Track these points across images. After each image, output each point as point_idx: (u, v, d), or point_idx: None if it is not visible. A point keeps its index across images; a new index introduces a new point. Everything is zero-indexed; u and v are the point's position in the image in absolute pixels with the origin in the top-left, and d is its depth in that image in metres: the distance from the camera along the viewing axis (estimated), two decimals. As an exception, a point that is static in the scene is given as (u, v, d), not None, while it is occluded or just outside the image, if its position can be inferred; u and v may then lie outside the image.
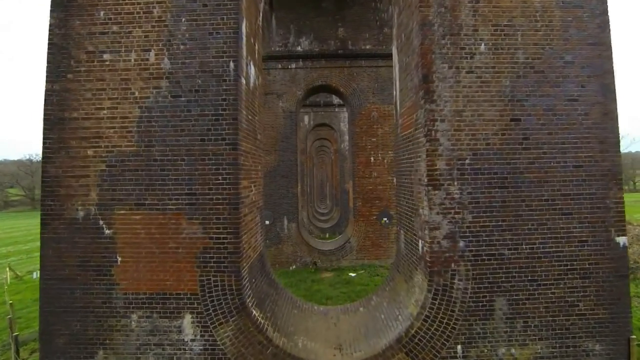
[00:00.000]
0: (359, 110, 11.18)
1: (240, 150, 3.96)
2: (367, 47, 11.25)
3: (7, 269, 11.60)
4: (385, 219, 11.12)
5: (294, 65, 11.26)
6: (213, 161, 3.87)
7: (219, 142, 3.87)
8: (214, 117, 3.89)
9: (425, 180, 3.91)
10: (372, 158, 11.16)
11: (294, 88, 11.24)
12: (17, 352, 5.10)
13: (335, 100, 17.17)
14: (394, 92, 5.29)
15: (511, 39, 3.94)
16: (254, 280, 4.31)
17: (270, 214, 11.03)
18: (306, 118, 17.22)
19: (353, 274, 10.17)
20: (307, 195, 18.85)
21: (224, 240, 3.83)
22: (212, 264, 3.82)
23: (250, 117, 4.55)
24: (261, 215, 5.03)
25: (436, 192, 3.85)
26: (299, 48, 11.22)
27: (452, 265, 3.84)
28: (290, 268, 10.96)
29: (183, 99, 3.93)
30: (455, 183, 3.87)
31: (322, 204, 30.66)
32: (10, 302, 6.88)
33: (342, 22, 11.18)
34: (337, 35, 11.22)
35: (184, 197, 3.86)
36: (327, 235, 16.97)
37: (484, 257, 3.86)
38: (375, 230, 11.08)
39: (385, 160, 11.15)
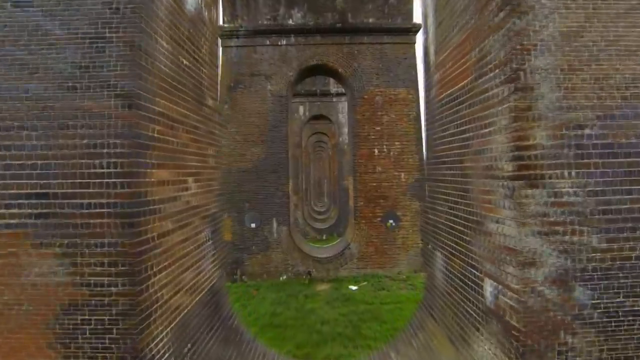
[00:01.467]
0: (360, 94, 9.18)
1: (147, 111, 1.96)
2: (370, 20, 9.23)
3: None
4: (392, 221, 9.15)
5: (284, 42, 9.23)
6: (89, 130, 1.88)
7: (100, 91, 1.87)
8: (91, 44, 1.89)
9: (509, 168, 1.93)
10: (375, 150, 9.17)
11: (285, 68, 9.22)
12: None
13: (333, 89, 15.16)
14: (424, 36, 3.32)
15: None
16: (188, 347, 2.33)
17: (257, 216, 9.05)
18: (301, 109, 15.21)
19: (354, 287, 8.21)
20: (303, 193, 16.88)
21: (111, 289, 1.84)
22: (87, 336, 1.84)
23: (186, 61, 2.54)
24: (213, 230, 3.03)
25: (531, 191, 1.87)
26: (290, 21, 9.18)
27: (562, 334, 1.88)
28: (281, 279, 8.99)
29: (35, 9, 1.93)
30: (569, 173, 1.89)
31: (319, 202, 28.73)
32: None
33: (341, -10, 9.15)
34: (334, 6, 9.18)
35: (31, 202, 1.87)
36: (324, 237, 15.03)
37: (623, 319, 1.90)
38: (380, 234, 9.12)
39: (392, 153, 9.16)
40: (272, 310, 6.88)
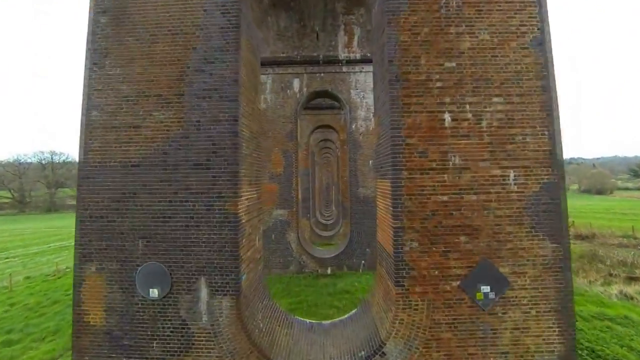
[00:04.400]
0: (407, -11, 3.67)
1: None
2: None
3: None
4: (488, 287, 3.52)
5: None
6: None
7: None
8: None
9: None
10: (446, 116, 3.60)
11: (236, -64, 3.82)
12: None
13: (343, 53, 9.73)
14: None
15: None
16: None
17: (163, 273, 3.57)
18: (296, 83, 9.84)
19: None
20: (299, 206, 11.38)
21: None
22: None
23: None
24: None
25: None
26: None
27: None
28: None
29: None
30: None
31: (326, 211, 23.20)
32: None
33: None
34: None
35: None
36: (329, 271, 9.43)
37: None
38: (458, 319, 3.50)
39: (485, 124, 3.59)
40: None
